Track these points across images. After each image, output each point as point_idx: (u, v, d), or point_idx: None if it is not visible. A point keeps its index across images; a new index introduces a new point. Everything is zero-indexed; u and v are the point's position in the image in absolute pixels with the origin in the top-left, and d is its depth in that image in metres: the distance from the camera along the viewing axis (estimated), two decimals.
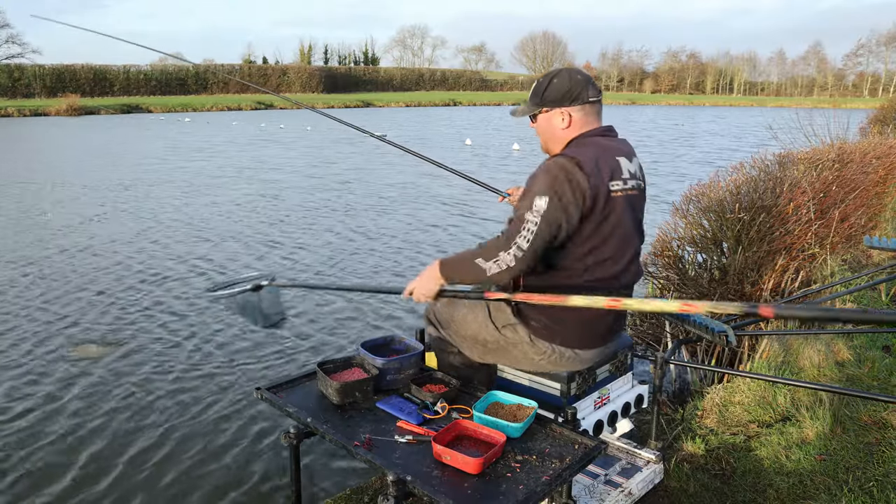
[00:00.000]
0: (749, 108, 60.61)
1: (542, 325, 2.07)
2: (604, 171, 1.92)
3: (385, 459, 1.80)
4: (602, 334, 2.13)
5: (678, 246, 4.78)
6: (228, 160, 16.83)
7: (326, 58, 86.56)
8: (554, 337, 2.07)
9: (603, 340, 2.15)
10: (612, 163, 1.97)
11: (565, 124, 2.04)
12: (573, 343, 2.08)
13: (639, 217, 2.10)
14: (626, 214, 1.99)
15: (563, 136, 2.05)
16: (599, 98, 2.06)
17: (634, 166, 2.06)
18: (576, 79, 2.02)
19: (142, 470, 3.25)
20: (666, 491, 2.58)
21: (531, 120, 2.14)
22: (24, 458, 3.33)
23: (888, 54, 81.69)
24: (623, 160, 2.01)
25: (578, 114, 2.03)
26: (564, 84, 2.02)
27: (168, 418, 3.74)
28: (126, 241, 7.93)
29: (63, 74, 51.84)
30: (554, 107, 2.04)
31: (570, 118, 2.03)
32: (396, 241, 8.14)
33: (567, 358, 2.11)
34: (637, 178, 2.06)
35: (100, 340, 4.84)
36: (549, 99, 2.04)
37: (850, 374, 3.51)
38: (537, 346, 2.09)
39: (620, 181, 1.97)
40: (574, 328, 2.06)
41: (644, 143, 22.07)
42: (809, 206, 4.64)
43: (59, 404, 3.87)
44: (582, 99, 2.01)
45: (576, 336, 2.07)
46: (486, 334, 2.18)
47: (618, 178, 1.96)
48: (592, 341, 2.11)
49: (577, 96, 2.01)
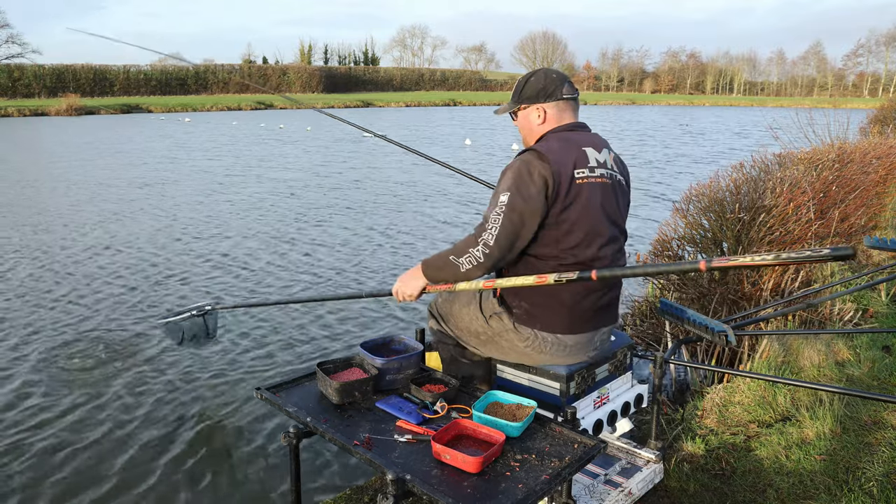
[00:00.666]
0: (749, 108, 60.60)
1: (522, 311, 2.14)
2: (566, 158, 2.01)
3: (385, 459, 1.80)
4: (585, 321, 2.15)
5: (678, 246, 4.78)
6: (238, 159, 16.85)
7: (326, 58, 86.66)
8: (534, 322, 2.12)
9: (587, 328, 2.16)
10: (577, 152, 2.05)
11: (540, 120, 2.16)
12: (554, 328, 2.12)
13: (612, 206, 2.13)
14: (594, 201, 2.05)
15: (538, 130, 2.17)
16: (575, 96, 2.17)
17: (604, 157, 2.13)
18: (551, 77, 2.15)
19: (141, 470, 3.25)
20: (666, 491, 2.58)
21: (513, 117, 2.26)
22: (25, 458, 3.33)
23: (888, 54, 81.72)
24: (590, 150, 2.10)
25: (553, 110, 2.15)
26: (540, 82, 2.15)
27: (168, 418, 3.74)
28: (140, 238, 7.94)
29: (63, 74, 51.91)
30: (530, 103, 2.16)
31: (545, 114, 2.15)
32: (409, 238, 8.17)
33: (550, 344, 2.14)
34: (607, 168, 2.12)
35: (97, 341, 4.84)
36: (526, 96, 2.17)
37: (850, 374, 3.51)
38: (520, 332, 2.15)
39: (586, 169, 2.05)
40: (552, 312, 2.10)
41: (647, 143, 22.10)
42: (809, 205, 4.64)
43: (56, 404, 3.87)
44: (556, 96, 2.14)
45: (555, 320, 2.11)
46: (478, 325, 2.26)
47: (582, 167, 2.04)
48: (574, 326, 2.13)
49: (552, 94, 2.13)
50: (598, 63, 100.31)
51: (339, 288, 6.18)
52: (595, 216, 2.06)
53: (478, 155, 18.53)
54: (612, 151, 2.19)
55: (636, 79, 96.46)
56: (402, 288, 2.21)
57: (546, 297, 2.08)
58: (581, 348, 2.19)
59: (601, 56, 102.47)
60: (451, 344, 2.42)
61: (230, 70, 63.36)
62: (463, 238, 2.05)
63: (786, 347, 3.71)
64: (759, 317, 3.63)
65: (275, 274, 6.59)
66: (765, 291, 4.13)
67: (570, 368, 2.18)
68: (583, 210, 2.02)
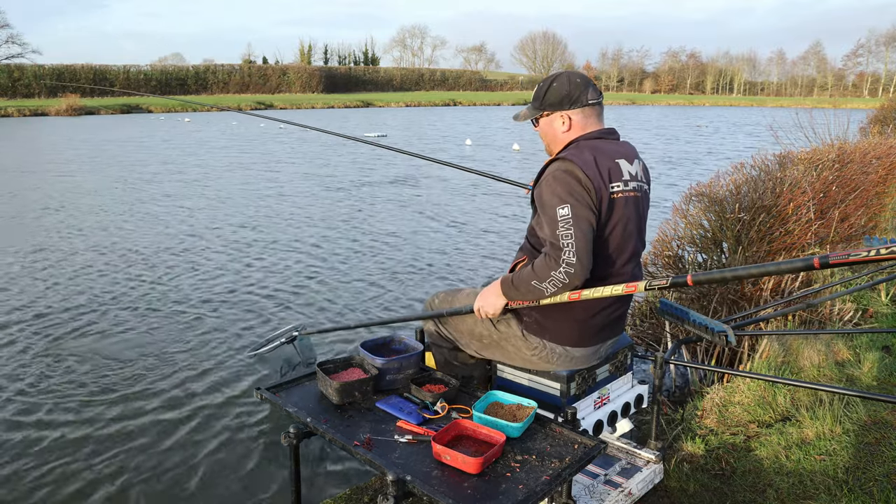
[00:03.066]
0: (749, 108, 60.59)
1: (532, 321, 2.10)
2: (603, 173, 1.93)
3: (385, 459, 1.80)
4: (593, 334, 2.13)
5: (678, 246, 4.78)
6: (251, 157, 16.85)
7: (326, 58, 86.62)
8: (544, 333, 2.10)
9: (595, 340, 2.15)
10: (611, 164, 1.97)
11: (566, 127, 2.07)
12: (563, 340, 2.10)
13: (640, 219, 2.08)
14: (626, 216, 1.99)
15: (563, 138, 2.08)
16: (600, 100, 2.08)
17: (636, 168, 2.06)
18: (575, 82, 2.05)
19: (141, 470, 3.25)
20: (666, 491, 2.58)
21: (534, 124, 2.16)
22: (19, 455, 3.33)
23: (888, 54, 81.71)
24: (623, 162, 2.02)
25: (578, 116, 2.06)
26: (564, 87, 2.04)
27: (167, 418, 3.74)
28: (152, 239, 7.94)
29: (63, 74, 51.89)
30: (554, 110, 2.07)
31: (570, 121, 2.06)
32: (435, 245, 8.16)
33: (558, 355, 2.12)
34: (638, 181, 2.05)
35: (98, 336, 4.84)
36: (549, 102, 2.07)
37: (850, 374, 3.51)
38: (529, 341, 2.13)
39: (620, 182, 1.98)
40: (564, 325, 2.07)
41: (649, 145, 22.08)
42: (809, 206, 4.64)
43: (52, 401, 3.86)
44: (581, 102, 2.04)
45: (566, 334, 2.09)
46: (482, 328, 2.23)
47: (617, 180, 1.97)
48: (583, 340, 2.11)
49: (577, 99, 2.04)
50: (598, 63, 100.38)
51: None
52: (626, 231, 2.00)
53: (478, 150, 18.52)
54: (641, 160, 2.13)
55: (636, 79, 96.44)
56: (483, 306, 2.11)
57: (559, 310, 2.03)
58: (586, 359, 2.20)
59: (601, 56, 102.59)
60: (446, 347, 2.41)
61: (230, 70, 63.38)
62: (538, 261, 1.93)
63: (786, 347, 3.71)
64: (759, 317, 3.63)
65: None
66: (765, 291, 4.13)
67: (570, 369, 2.18)
68: (615, 226, 1.96)
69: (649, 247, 4.87)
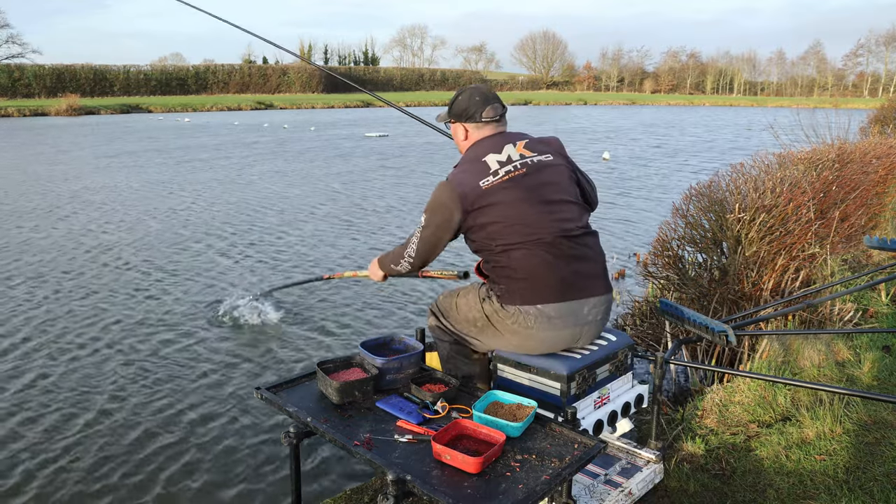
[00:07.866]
0: (749, 108, 60.59)
1: (504, 290, 2.25)
2: (471, 179, 2.23)
3: (385, 459, 1.80)
4: (563, 289, 2.21)
5: (678, 246, 4.77)
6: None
7: (326, 58, 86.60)
8: (515, 298, 2.22)
9: (567, 296, 2.21)
10: (479, 167, 2.25)
11: (463, 136, 2.41)
12: (532, 299, 2.20)
13: (552, 185, 2.27)
14: (517, 190, 2.21)
15: (463, 144, 2.41)
16: (495, 117, 2.35)
17: (506, 154, 2.28)
18: (474, 100, 2.35)
19: (140, 470, 3.25)
20: (666, 491, 2.58)
21: (446, 127, 2.58)
22: (19, 456, 3.33)
23: (888, 54, 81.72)
24: (490, 157, 2.27)
25: (473, 129, 2.37)
26: (463, 103, 2.37)
27: (167, 418, 3.74)
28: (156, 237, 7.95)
29: (63, 74, 51.91)
30: (456, 120, 2.41)
31: (467, 132, 2.39)
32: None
33: (534, 317, 2.19)
34: (514, 161, 2.27)
35: (98, 335, 4.84)
36: (454, 113, 2.41)
37: (850, 374, 3.51)
38: (506, 309, 2.24)
39: (490, 176, 2.23)
40: (529, 285, 2.20)
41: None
42: (809, 206, 4.63)
43: (50, 400, 3.87)
44: (475, 119, 2.35)
45: (533, 293, 2.20)
46: (475, 312, 2.34)
47: (485, 176, 2.23)
48: (552, 296, 2.19)
49: (471, 116, 2.35)
50: (599, 63, 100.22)
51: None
52: (528, 197, 2.22)
53: None
54: (525, 138, 2.35)
55: (636, 79, 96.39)
56: (371, 274, 2.68)
57: (519, 272, 2.20)
58: (568, 320, 2.22)
59: (601, 56, 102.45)
60: (449, 341, 2.46)
61: (230, 70, 63.40)
62: (397, 248, 2.47)
63: (786, 347, 3.71)
64: (759, 317, 3.63)
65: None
66: (765, 291, 4.13)
67: (570, 368, 2.19)
68: (508, 201, 2.21)
69: (649, 247, 4.87)
